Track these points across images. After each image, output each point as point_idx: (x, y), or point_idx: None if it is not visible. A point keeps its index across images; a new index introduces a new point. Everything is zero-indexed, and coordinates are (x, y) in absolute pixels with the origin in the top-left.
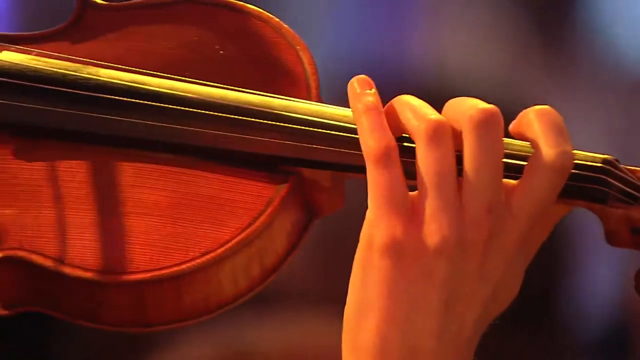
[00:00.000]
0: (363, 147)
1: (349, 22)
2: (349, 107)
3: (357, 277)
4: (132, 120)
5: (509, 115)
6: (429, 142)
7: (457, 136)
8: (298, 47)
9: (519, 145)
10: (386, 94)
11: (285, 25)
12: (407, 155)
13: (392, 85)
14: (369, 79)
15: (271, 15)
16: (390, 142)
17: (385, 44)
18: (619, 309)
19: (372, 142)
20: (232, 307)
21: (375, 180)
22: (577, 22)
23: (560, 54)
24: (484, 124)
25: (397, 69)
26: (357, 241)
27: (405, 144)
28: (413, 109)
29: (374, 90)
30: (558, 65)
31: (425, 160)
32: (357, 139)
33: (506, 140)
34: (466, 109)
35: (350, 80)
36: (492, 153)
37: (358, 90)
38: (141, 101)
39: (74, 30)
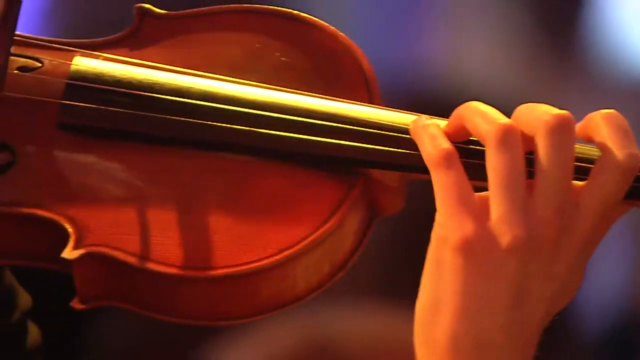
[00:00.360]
0: (424, 155)
1: (363, 29)
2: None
3: (429, 274)
4: (207, 122)
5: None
6: (499, 146)
7: (525, 139)
8: (356, 54)
9: (585, 148)
10: (402, 99)
11: (341, 33)
12: (476, 158)
13: (407, 89)
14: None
15: (327, 24)
16: (448, 145)
17: (400, 50)
18: (622, 310)
19: (430, 149)
20: (303, 302)
21: (440, 182)
22: (587, 24)
23: (571, 56)
24: (557, 128)
25: (412, 73)
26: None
27: (472, 146)
28: (482, 114)
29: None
30: (570, 67)
31: (495, 162)
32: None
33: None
34: (540, 114)
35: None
36: (564, 156)
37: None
38: (216, 105)
39: (133, 38)
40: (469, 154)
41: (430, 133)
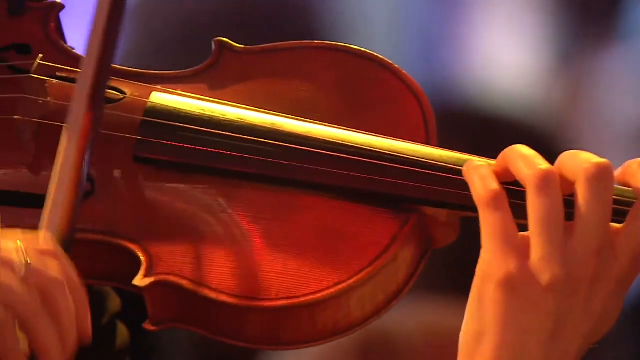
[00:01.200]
0: (474, 195)
1: (397, 42)
2: None
3: (473, 307)
4: (277, 161)
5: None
6: (538, 190)
7: (568, 184)
8: (417, 93)
9: (623, 190)
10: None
11: (404, 71)
12: (519, 197)
13: (441, 99)
14: None
15: (390, 61)
16: (497, 187)
17: (434, 62)
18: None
19: (481, 190)
20: (360, 329)
21: (487, 222)
22: (619, 32)
23: (602, 63)
24: (597, 176)
25: (445, 85)
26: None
27: (520, 188)
28: (524, 159)
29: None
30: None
31: (535, 205)
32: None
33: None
34: (581, 162)
35: None
36: (603, 202)
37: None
38: (287, 144)
39: (211, 71)
40: (516, 195)
41: (480, 174)
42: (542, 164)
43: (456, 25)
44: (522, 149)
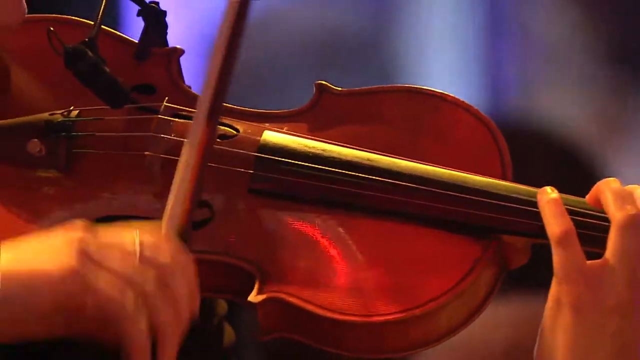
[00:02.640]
0: (547, 231)
1: (445, 72)
2: None
3: (546, 327)
4: (368, 193)
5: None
6: (622, 230)
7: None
8: (494, 132)
9: None
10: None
11: (482, 113)
12: (591, 230)
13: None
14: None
15: (469, 104)
16: (569, 226)
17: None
18: None
19: (554, 227)
20: (446, 341)
21: (559, 254)
22: None
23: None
24: None
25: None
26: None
27: (588, 220)
28: (614, 196)
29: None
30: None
31: (616, 241)
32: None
33: None
34: None
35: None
36: None
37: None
38: (376, 177)
39: (312, 111)
40: (584, 227)
41: (554, 212)
42: (630, 205)
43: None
44: (614, 185)
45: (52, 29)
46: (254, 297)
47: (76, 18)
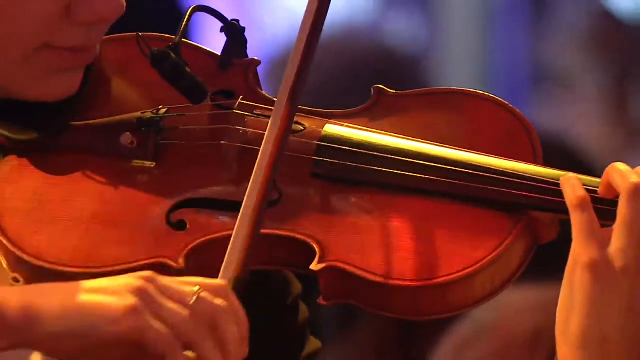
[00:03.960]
0: (566, 199)
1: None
2: None
3: (566, 286)
4: (417, 175)
5: None
6: (629, 197)
7: None
8: (529, 128)
9: None
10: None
11: (518, 111)
12: (604, 204)
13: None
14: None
15: (505, 102)
16: (584, 193)
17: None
18: None
19: (571, 195)
20: (479, 307)
21: (576, 220)
22: None
23: None
24: None
25: None
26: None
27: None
28: (621, 174)
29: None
30: None
31: (624, 208)
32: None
33: None
34: None
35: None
36: None
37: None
38: (424, 162)
39: (371, 110)
40: (599, 202)
41: (571, 184)
42: (634, 177)
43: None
44: (620, 166)
45: (140, 34)
46: (315, 265)
47: (163, 34)
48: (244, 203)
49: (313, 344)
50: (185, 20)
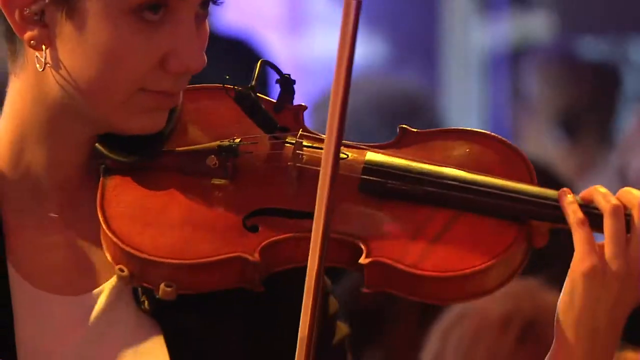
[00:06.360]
0: (569, 219)
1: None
2: None
3: (567, 288)
4: (446, 192)
5: None
6: (611, 215)
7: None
8: (524, 158)
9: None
10: None
11: (514, 145)
12: (594, 219)
13: None
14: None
15: (504, 139)
16: (582, 216)
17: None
18: None
19: (574, 217)
20: (489, 295)
21: (578, 235)
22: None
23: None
24: None
25: None
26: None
27: (594, 211)
28: (603, 195)
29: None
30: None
31: (609, 225)
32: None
33: None
34: (635, 196)
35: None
36: None
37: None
38: (446, 181)
39: (397, 145)
40: (591, 216)
41: (573, 208)
42: (613, 199)
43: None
44: (601, 189)
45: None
46: (362, 259)
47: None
48: (315, 214)
49: (342, 330)
50: (258, 69)
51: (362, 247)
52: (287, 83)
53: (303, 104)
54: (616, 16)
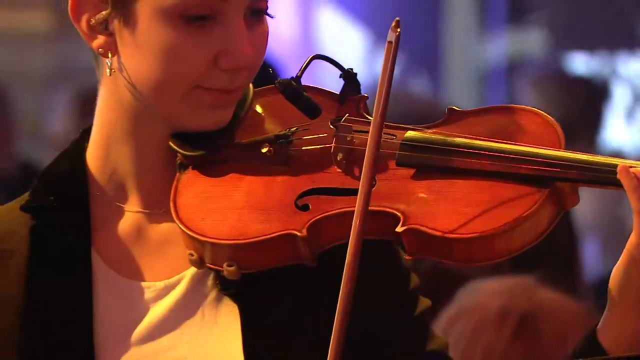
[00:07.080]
0: (635, 197)
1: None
2: None
3: (621, 264)
4: (477, 160)
5: None
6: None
7: None
8: (557, 127)
9: None
10: None
11: (549, 117)
12: None
13: None
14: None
15: (538, 110)
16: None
17: None
18: None
19: (636, 202)
20: (514, 255)
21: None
22: None
23: None
24: None
25: None
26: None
27: None
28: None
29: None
30: None
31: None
32: (590, 168)
33: None
34: None
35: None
36: None
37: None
38: (482, 151)
39: (444, 124)
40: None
41: (630, 175)
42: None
43: None
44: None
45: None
46: (399, 228)
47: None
48: (360, 189)
49: (424, 302)
50: (306, 63)
51: (400, 216)
52: (349, 76)
53: (365, 94)
54: (606, 34)
